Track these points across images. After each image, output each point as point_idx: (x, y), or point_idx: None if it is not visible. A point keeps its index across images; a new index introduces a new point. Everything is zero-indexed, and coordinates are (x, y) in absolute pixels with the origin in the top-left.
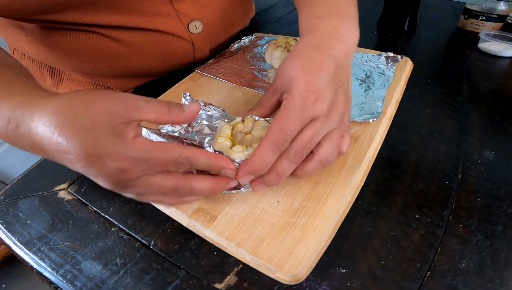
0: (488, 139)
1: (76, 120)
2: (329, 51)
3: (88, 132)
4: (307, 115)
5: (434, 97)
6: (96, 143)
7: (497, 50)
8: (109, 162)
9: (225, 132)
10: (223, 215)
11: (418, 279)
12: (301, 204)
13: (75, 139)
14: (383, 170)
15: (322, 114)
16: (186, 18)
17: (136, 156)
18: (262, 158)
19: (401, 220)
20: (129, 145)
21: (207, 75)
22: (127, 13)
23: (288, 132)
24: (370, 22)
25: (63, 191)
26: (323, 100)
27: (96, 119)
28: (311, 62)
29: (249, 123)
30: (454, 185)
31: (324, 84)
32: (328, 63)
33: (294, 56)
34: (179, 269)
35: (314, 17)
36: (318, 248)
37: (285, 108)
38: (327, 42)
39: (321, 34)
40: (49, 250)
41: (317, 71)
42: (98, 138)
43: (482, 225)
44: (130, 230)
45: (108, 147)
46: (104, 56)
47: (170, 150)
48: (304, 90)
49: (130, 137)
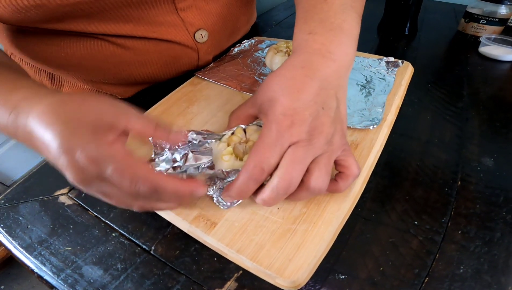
0: (488, 145)
1: (64, 113)
2: (314, 71)
3: (69, 125)
4: (284, 141)
5: (435, 102)
6: (72, 136)
7: (498, 54)
8: (78, 154)
9: (226, 150)
10: (224, 222)
11: (416, 285)
12: (301, 211)
13: (54, 129)
14: (383, 177)
15: (301, 138)
16: (192, 27)
17: (106, 159)
18: (240, 186)
19: (400, 226)
20: (103, 146)
21: (207, 80)
22: (133, 22)
23: (265, 161)
24: (371, 25)
25: (63, 196)
26: (300, 124)
27: (83, 115)
28: (292, 82)
29: (241, 133)
30: (453, 192)
31: (302, 107)
32: (310, 84)
33: (277, 74)
34: (180, 275)
35: (305, 33)
36: (318, 254)
37: (261, 135)
38: (313, 61)
39: (308, 52)
40: (50, 254)
41: (296, 93)
42: (75, 131)
43: (480, 232)
44: (130, 235)
45: (81, 141)
46: (108, 64)
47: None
48: (280, 114)
49: (107, 139)
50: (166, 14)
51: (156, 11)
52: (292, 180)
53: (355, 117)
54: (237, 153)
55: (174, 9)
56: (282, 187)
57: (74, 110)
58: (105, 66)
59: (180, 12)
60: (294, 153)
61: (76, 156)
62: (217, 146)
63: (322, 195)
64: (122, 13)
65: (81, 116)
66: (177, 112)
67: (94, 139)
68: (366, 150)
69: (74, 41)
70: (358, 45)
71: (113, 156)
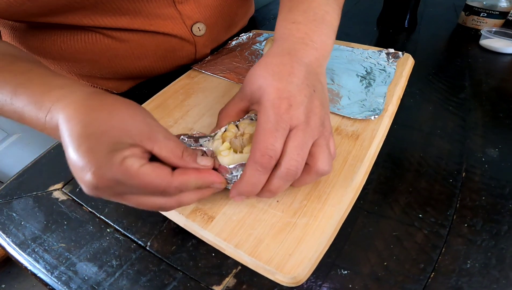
0: (491, 136)
1: (86, 126)
2: (299, 57)
3: (89, 140)
4: (284, 124)
5: (436, 94)
6: (88, 153)
7: (499, 46)
8: (90, 175)
9: (223, 145)
10: (221, 215)
11: (422, 280)
12: (301, 203)
13: (73, 142)
14: (385, 168)
15: (300, 121)
16: (189, 20)
17: (118, 178)
18: (250, 180)
19: (404, 219)
20: (114, 166)
21: (204, 72)
22: (129, 15)
23: (270, 148)
24: (370, 18)
25: (57, 191)
26: (298, 106)
27: (107, 129)
28: (280, 68)
29: (234, 128)
30: (458, 184)
31: (296, 89)
32: (299, 68)
33: (263, 62)
34: (176, 271)
35: (288, 22)
36: (319, 249)
37: (260, 122)
38: (297, 48)
39: (292, 40)
40: (44, 251)
41: (287, 76)
42: (93, 149)
43: (487, 225)
44: (125, 231)
45: (94, 161)
46: (103, 57)
47: (156, 180)
48: (276, 98)
49: (121, 157)
50: (163, 7)
51: (153, 4)
52: (298, 165)
53: (355, 108)
54: (235, 147)
55: (171, 2)
56: (291, 174)
57: (100, 122)
58: (101, 60)
59: (177, 5)
60: (297, 138)
61: (85, 178)
62: (212, 145)
63: (323, 187)
64: (119, 6)
65: (105, 129)
66: (173, 104)
67: (107, 159)
68: (368, 140)
69: (69, 34)
70: (358, 38)
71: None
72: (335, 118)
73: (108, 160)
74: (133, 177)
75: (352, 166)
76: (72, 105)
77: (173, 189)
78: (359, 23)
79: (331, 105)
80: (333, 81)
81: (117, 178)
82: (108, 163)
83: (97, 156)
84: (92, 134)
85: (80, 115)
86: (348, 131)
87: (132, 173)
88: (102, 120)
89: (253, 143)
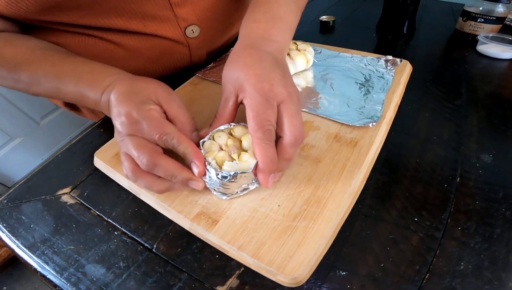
0: (486, 142)
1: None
2: (262, 48)
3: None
4: (272, 101)
5: (433, 100)
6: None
7: (495, 52)
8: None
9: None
10: (225, 219)
11: (417, 281)
12: (301, 208)
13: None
14: (382, 174)
15: (284, 96)
16: (184, 23)
17: (140, 118)
18: (267, 154)
19: (400, 223)
20: (142, 111)
21: (207, 79)
22: (125, 16)
23: (267, 122)
24: (369, 25)
25: (66, 195)
26: (278, 84)
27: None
28: (249, 58)
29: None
30: (452, 189)
31: (271, 71)
32: (266, 55)
33: (232, 59)
34: (182, 272)
35: (250, 21)
36: (318, 251)
37: (249, 105)
38: (258, 42)
39: (253, 36)
40: (53, 253)
41: (258, 63)
42: (130, 100)
43: (480, 228)
44: (132, 234)
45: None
46: (100, 60)
47: (165, 125)
48: (256, 82)
49: (148, 107)
50: (159, 9)
51: (149, 6)
52: (302, 130)
53: (354, 115)
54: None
55: (168, 4)
56: (298, 138)
57: (139, 86)
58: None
59: (174, 8)
60: (289, 108)
61: (122, 115)
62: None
63: (323, 192)
64: (114, 6)
65: (140, 91)
66: None
67: (138, 107)
68: (366, 147)
69: (65, 37)
70: (357, 44)
71: (148, 117)
72: (335, 125)
73: (139, 107)
74: (153, 118)
75: (351, 172)
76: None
77: (171, 137)
78: (358, 29)
79: (331, 112)
80: (332, 88)
81: (140, 119)
82: (139, 108)
83: (132, 103)
84: (132, 92)
85: (127, 83)
86: (347, 138)
87: (153, 116)
88: (141, 85)
89: (250, 124)
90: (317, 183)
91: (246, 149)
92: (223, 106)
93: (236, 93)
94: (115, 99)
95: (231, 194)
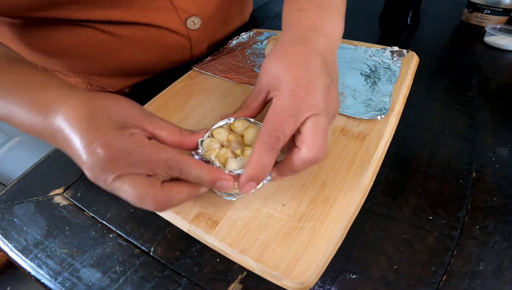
0: (501, 135)
1: (94, 109)
2: (313, 45)
3: (98, 119)
4: (300, 111)
5: (443, 92)
6: (98, 129)
7: (504, 43)
8: (99, 148)
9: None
10: (226, 220)
11: (434, 283)
12: (307, 207)
13: (80, 125)
14: (393, 169)
15: (319, 110)
16: (184, 13)
17: (126, 148)
18: (259, 161)
19: (414, 222)
20: (124, 138)
21: (205, 73)
22: (122, 7)
23: (280, 130)
24: (372, 16)
25: (58, 196)
26: (316, 95)
27: (113, 112)
28: (297, 56)
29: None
30: (468, 184)
31: (315, 78)
32: (315, 56)
33: (277, 51)
34: (181, 277)
35: (295, 10)
36: (327, 253)
37: (275, 106)
38: (309, 36)
39: (302, 28)
40: (46, 257)
41: (305, 64)
42: (102, 125)
43: (499, 226)
44: (128, 236)
45: (105, 135)
46: (97, 52)
47: (162, 149)
48: (294, 85)
49: (130, 132)
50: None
51: None
52: (322, 150)
53: (361, 107)
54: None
55: None
56: (317, 158)
57: (106, 107)
58: (95, 55)
59: None
60: (319, 122)
61: (96, 150)
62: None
63: (330, 190)
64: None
65: (111, 113)
66: (174, 106)
67: (116, 133)
68: (375, 141)
69: (64, 29)
70: (360, 36)
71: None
72: (341, 119)
73: (118, 133)
74: (142, 146)
75: (360, 168)
76: (76, 98)
77: (175, 162)
78: (361, 20)
79: None
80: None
81: (125, 148)
82: (118, 135)
83: (107, 131)
84: (101, 115)
85: (87, 102)
86: (354, 131)
87: (141, 143)
88: (108, 105)
89: (264, 125)
90: (324, 180)
91: (249, 143)
92: (252, 97)
93: (268, 89)
94: (72, 125)
95: (238, 194)
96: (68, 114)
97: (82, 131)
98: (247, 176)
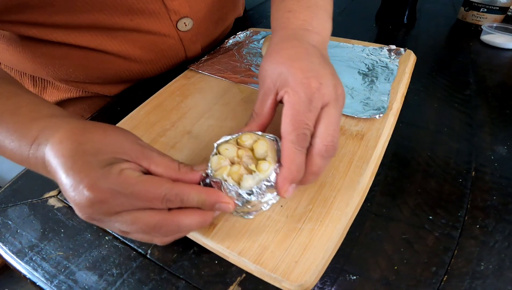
0: (500, 133)
1: (81, 145)
2: (307, 41)
3: (84, 157)
4: (316, 103)
5: (441, 90)
6: (82, 168)
7: (500, 42)
8: (86, 191)
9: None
10: (223, 222)
11: (435, 283)
12: (306, 208)
13: (66, 162)
14: (392, 169)
15: (331, 98)
16: (175, 15)
17: (116, 188)
18: (294, 161)
19: (414, 222)
20: (112, 176)
21: (201, 73)
22: (107, 10)
23: (304, 126)
24: (369, 14)
25: (53, 198)
26: (327, 84)
27: (103, 147)
28: (294, 50)
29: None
30: (468, 183)
31: (321, 67)
32: (313, 49)
33: (273, 51)
34: (179, 280)
35: (284, 11)
36: (326, 255)
37: (290, 103)
38: (301, 34)
39: (293, 28)
40: (42, 259)
41: (305, 56)
42: (88, 164)
43: (499, 225)
44: (124, 239)
45: (90, 175)
46: (91, 63)
47: (156, 185)
48: (303, 78)
49: (118, 169)
50: (149, 2)
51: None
52: (336, 141)
53: (359, 106)
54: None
55: None
56: (332, 150)
57: (94, 141)
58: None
59: (165, 0)
60: (331, 115)
61: (84, 192)
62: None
63: (329, 191)
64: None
65: (98, 148)
66: (170, 106)
67: (103, 172)
68: (373, 140)
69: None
70: (357, 34)
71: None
72: None
73: (105, 172)
74: (132, 185)
75: (358, 168)
76: (63, 130)
77: (173, 195)
78: (357, 19)
79: None
80: None
81: (114, 189)
82: (106, 174)
83: (93, 170)
84: (87, 152)
85: (73, 136)
86: (352, 131)
87: (132, 181)
88: (97, 139)
89: (286, 124)
90: (323, 180)
91: (261, 157)
92: (260, 103)
93: (276, 89)
94: (57, 163)
95: (257, 211)
96: (54, 150)
97: (67, 171)
98: (287, 180)
